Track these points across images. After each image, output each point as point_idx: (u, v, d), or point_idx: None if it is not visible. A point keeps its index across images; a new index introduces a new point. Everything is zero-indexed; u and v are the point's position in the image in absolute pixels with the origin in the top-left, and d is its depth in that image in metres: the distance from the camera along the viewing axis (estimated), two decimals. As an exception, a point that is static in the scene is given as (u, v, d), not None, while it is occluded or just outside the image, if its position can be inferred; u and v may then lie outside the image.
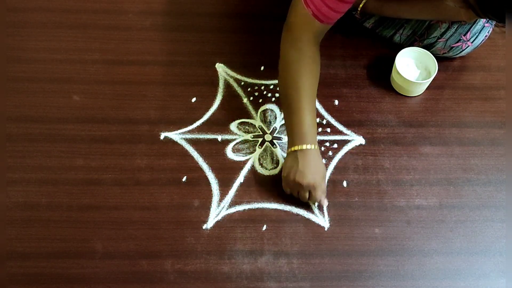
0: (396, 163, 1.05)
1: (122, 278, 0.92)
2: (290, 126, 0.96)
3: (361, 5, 1.10)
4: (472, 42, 1.09)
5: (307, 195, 0.96)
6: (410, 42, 1.13)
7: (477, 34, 1.08)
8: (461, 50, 1.11)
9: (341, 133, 1.08)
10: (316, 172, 0.95)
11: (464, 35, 1.08)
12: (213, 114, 1.09)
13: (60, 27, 1.19)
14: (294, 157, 0.95)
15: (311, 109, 0.95)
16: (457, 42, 1.09)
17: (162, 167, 1.02)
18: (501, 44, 1.21)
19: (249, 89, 1.12)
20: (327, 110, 1.10)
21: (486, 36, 1.10)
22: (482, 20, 1.07)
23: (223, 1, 1.25)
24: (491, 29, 1.09)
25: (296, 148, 0.94)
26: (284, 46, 0.96)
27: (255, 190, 1.01)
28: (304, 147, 0.94)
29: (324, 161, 1.04)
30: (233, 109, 1.09)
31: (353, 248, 0.96)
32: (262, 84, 1.13)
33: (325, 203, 0.98)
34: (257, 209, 0.99)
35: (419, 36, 1.11)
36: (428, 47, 1.11)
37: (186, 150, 1.04)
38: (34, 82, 1.11)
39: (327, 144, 1.06)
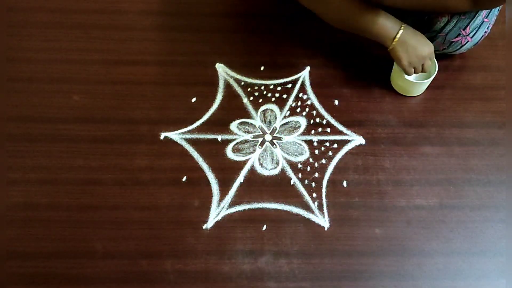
0: (396, 163, 1.05)
1: (122, 278, 0.92)
2: (371, 28, 1.01)
3: None
4: (471, 37, 1.09)
5: (429, 64, 1.06)
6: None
7: (476, 29, 1.08)
8: (460, 45, 1.10)
9: (341, 133, 1.08)
10: (426, 41, 1.04)
11: (464, 30, 1.07)
12: (213, 114, 1.09)
13: (60, 27, 1.19)
14: (402, 42, 1.02)
15: (374, 9, 1.00)
16: (457, 36, 1.08)
17: (162, 167, 1.02)
18: (501, 44, 1.21)
19: (249, 89, 1.12)
20: (327, 110, 1.10)
21: (486, 32, 1.09)
22: (482, 15, 1.06)
23: (223, 1, 1.25)
24: (491, 25, 1.09)
25: (395, 34, 1.01)
26: None
27: (255, 190, 1.01)
28: (398, 34, 1.01)
29: (324, 161, 1.04)
30: (233, 109, 1.09)
31: (353, 248, 0.96)
32: (262, 84, 1.13)
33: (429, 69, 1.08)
34: (257, 209, 0.99)
35: (419, 30, 1.11)
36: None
37: (186, 150, 1.04)
38: (34, 82, 1.11)
39: (327, 144, 1.06)
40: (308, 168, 1.04)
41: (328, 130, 1.08)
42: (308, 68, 1.15)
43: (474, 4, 1.01)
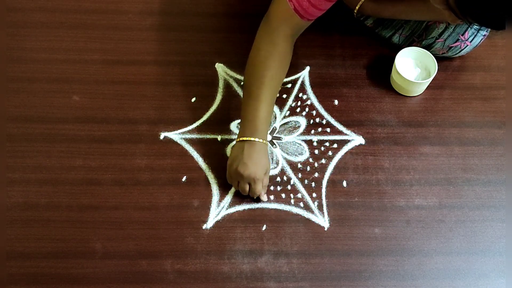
0: (395, 163, 1.05)
1: (122, 278, 0.92)
2: (245, 115, 0.96)
3: (357, 7, 1.11)
4: (470, 42, 1.09)
5: (247, 187, 0.96)
6: (408, 43, 1.13)
7: (475, 33, 1.08)
8: (460, 49, 1.11)
9: (340, 133, 1.08)
10: (259, 166, 0.95)
11: (462, 35, 1.08)
12: (213, 114, 1.09)
13: (60, 27, 1.19)
14: (241, 147, 0.95)
15: (268, 103, 0.96)
16: (456, 42, 1.09)
17: (162, 167, 1.02)
18: (501, 44, 1.21)
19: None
20: (326, 110, 1.10)
21: (484, 35, 1.10)
22: None
23: (222, 1, 1.25)
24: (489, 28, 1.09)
25: (245, 138, 0.94)
26: (259, 35, 0.97)
27: (255, 190, 1.01)
28: (252, 139, 0.94)
29: (323, 161, 1.04)
30: (233, 109, 1.09)
31: (353, 248, 0.96)
32: (262, 84, 1.13)
33: (264, 198, 0.98)
34: (257, 209, 0.99)
35: (418, 37, 1.12)
36: (427, 48, 1.11)
37: (186, 150, 1.04)
38: (34, 82, 1.11)
39: (327, 144, 1.06)
40: (308, 168, 1.04)
41: (328, 130, 1.08)
42: (308, 68, 1.15)
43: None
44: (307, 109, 1.10)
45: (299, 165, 1.04)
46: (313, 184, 1.02)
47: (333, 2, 0.91)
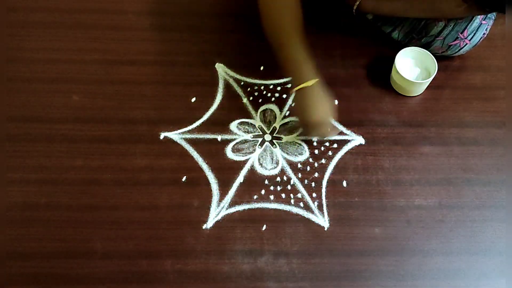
0: (396, 163, 1.05)
1: (122, 278, 0.92)
2: (287, 65, 0.96)
3: (356, 4, 1.10)
4: (470, 40, 1.09)
5: (326, 130, 0.99)
6: (408, 40, 1.13)
7: (474, 32, 1.08)
8: (459, 48, 1.11)
9: (340, 133, 1.08)
10: (326, 107, 0.97)
11: (462, 33, 1.08)
12: (213, 114, 1.09)
13: (60, 27, 1.19)
14: (302, 97, 0.97)
15: (299, 41, 0.95)
16: (455, 40, 1.09)
17: (162, 167, 1.02)
18: (501, 44, 1.21)
19: (249, 89, 1.12)
20: (327, 110, 1.10)
21: (484, 34, 1.10)
22: (479, 17, 1.07)
23: (222, 1, 1.25)
24: (489, 26, 1.09)
25: (296, 88, 0.96)
26: None
27: (255, 190, 1.01)
28: (302, 85, 0.95)
29: (323, 160, 1.04)
30: (233, 109, 1.09)
31: (353, 248, 0.96)
32: (262, 84, 1.13)
33: (333, 135, 1.02)
34: (257, 209, 0.99)
35: (417, 34, 1.11)
36: (426, 46, 1.11)
37: (186, 150, 1.04)
38: (34, 82, 1.11)
39: (327, 144, 1.06)
40: (308, 168, 1.04)
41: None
42: (307, 68, 1.15)
43: (468, 11, 1.01)
44: (307, 109, 1.10)
45: (299, 165, 1.04)
46: (313, 184, 1.02)
47: None
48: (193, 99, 1.10)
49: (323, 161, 1.04)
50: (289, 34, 0.95)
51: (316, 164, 1.04)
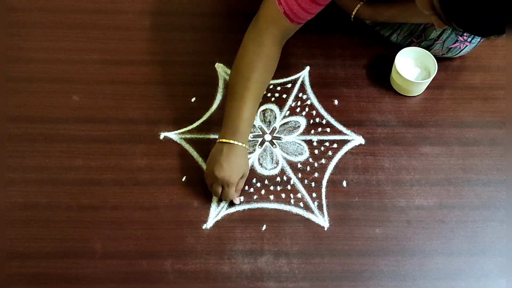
0: (396, 163, 1.05)
1: (122, 278, 0.92)
2: (227, 116, 0.96)
3: (354, 12, 1.11)
4: (470, 42, 1.09)
5: (219, 190, 0.95)
6: (407, 43, 1.14)
7: None
8: (459, 50, 1.11)
9: (340, 133, 1.08)
10: (235, 169, 0.94)
11: (461, 36, 1.08)
12: (213, 114, 1.09)
13: (60, 27, 1.19)
14: (220, 149, 0.95)
15: (252, 106, 0.95)
16: (455, 43, 1.09)
17: (162, 167, 1.02)
18: (501, 44, 1.21)
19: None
20: (326, 110, 1.10)
21: (484, 35, 1.10)
22: None
23: (222, 1, 1.25)
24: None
25: (224, 140, 0.94)
26: (247, 35, 0.97)
27: (255, 190, 1.01)
28: (232, 141, 0.94)
29: (323, 160, 1.04)
30: (233, 109, 1.09)
31: (353, 248, 0.96)
32: (262, 84, 1.13)
33: (236, 201, 0.98)
34: (257, 209, 0.99)
35: (416, 38, 1.12)
36: (426, 49, 1.11)
37: (186, 150, 1.04)
38: (34, 82, 1.11)
39: (327, 144, 1.06)
40: (308, 168, 1.04)
41: (328, 130, 1.08)
42: (307, 68, 1.15)
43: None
44: (307, 109, 1.10)
45: (299, 165, 1.04)
46: (313, 184, 1.02)
47: (323, 6, 0.91)
48: (193, 99, 1.10)
49: (323, 161, 1.04)
50: (251, 93, 0.94)
51: (316, 164, 1.04)
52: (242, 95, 0.94)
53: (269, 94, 1.12)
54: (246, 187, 1.01)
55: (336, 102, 1.11)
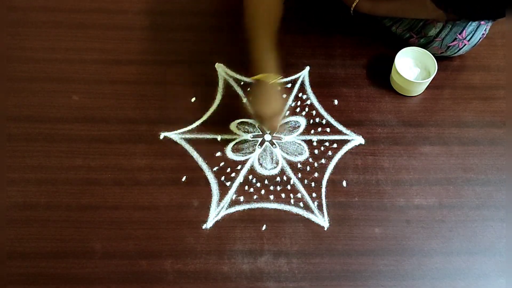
0: (395, 163, 1.05)
1: (122, 278, 0.92)
2: (252, 55, 0.98)
3: (353, 5, 1.11)
4: (468, 41, 1.09)
5: (275, 124, 1.00)
6: (407, 37, 1.13)
7: (473, 32, 1.08)
8: (458, 49, 1.11)
9: (340, 133, 1.08)
10: (273, 104, 0.98)
11: (460, 34, 1.08)
12: (213, 114, 1.09)
13: (60, 27, 1.19)
14: (257, 91, 0.99)
15: (269, 41, 0.97)
16: (453, 41, 1.09)
17: (162, 167, 1.02)
18: (501, 44, 1.21)
19: (248, 89, 1.12)
20: (326, 109, 1.10)
21: (483, 34, 1.10)
22: None
23: (222, 1, 1.25)
24: (488, 27, 1.09)
25: (254, 77, 0.97)
26: None
27: (255, 190, 1.01)
28: (259, 76, 0.96)
29: (323, 160, 1.04)
30: (232, 109, 1.09)
31: (353, 248, 0.96)
32: (262, 84, 1.13)
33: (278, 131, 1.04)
34: (257, 209, 0.99)
35: (416, 33, 1.11)
36: (425, 46, 1.11)
37: (186, 150, 1.04)
38: (34, 82, 1.11)
39: (327, 143, 1.06)
40: (308, 168, 1.04)
41: (328, 130, 1.08)
42: (307, 68, 1.15)
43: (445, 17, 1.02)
44: (307, 109, 1.10)
45: (299, 165, 1.04)
46: (313, 184, 1.02)
47: None
48: (193, 99, 1.10)
49: (323, 161, 1.04)
50: (264, 29, 0.97)
51: (316, 164, 1.04)
52: (261, 34, 0.97)
53: (269, 94, 1.12)
54: (246, 187, 1.01)
55: (336, 102, 1.11)
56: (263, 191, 1.01)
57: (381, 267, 0.94)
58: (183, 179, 1.01)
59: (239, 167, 1.03)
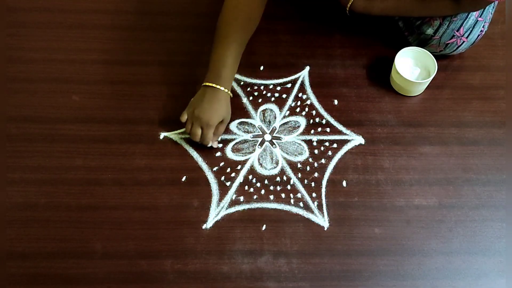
0: (395, 163, 1.05)
1: (122, 278, 0.92)
2: (211, 61, 1.00)
3: (349, 5, 1.10)
4: (466, 38, 1.09)
5: (198, 131, 1.00)
6: (409, 32, 1.14)
7: (470, 29, 1.08)
8: (457, 46, 1.11)
9: (340, 133, 1.08)
10: (216, 112, 0.99)
11: (457, 31, 1.07)
12: (213, 114, 1.08)
13: (60, 27, 1.19)
14: (203, 92, 1.00)
15: (235, 52, 0.98)
16: (451, 38, 1.09)
17: (162, 167, 1.02)
18: (501, 44, 1.21)
19: (248, 89, 1.12)
20: (326, 109, 1.10)
21: (481, 31, 1.09)
22: (474, 15, 1.06)
23: (222, 1, 1.25)
24: (486, 23, 1.09)
25: (208, 84, 0.99)
26: None
27: (255, 190, 1.01)
28: (215, 85, 0.98)
29: (323, 160, 1.04)
30: (232, 109, 1.09)
31: (353, 248, 0.96)
32: (262, 84, 1.13)
33: (214, 145, 1.03)
34: (257, 209, 0.99)
35: (417, 28, 1.11)
36: (423, 44, 1.11)
37: (186, 150, 1.04)
38: (33, 82, 1.11)
39: (327, 143, 1.06)
40: (308, 168, 1.04)
41: (328, 130, 1.08)
42: (307, 68, 1.15)
43: (457, 9, 1.02)
44: (306, 109, 1.10)
45: (299, 165, 1.04)
46: (312, 184, 1.02)
47: None
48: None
49: (323, 161, 1.04)
50: (235, 40, 0.98)
51: (316, 164, 1.04)
52: (225, 42, 0.97)
53: (269, 94, 1.12)
54: (246, 187, 1.01)
55: (336, 102, 1.11)
56: (263, 191, 1.01)
57: (381, 267, 0.94)
58: (183, 179, 1.01)
59: (239, 167, 1.03)
